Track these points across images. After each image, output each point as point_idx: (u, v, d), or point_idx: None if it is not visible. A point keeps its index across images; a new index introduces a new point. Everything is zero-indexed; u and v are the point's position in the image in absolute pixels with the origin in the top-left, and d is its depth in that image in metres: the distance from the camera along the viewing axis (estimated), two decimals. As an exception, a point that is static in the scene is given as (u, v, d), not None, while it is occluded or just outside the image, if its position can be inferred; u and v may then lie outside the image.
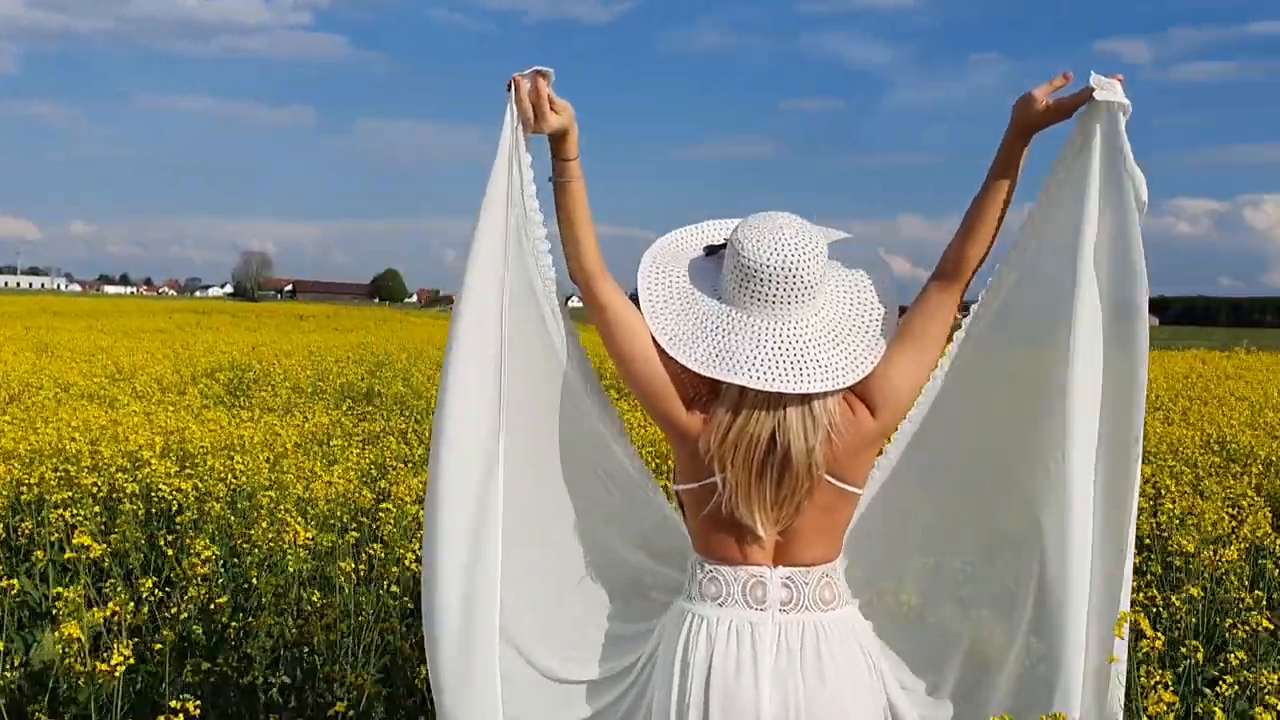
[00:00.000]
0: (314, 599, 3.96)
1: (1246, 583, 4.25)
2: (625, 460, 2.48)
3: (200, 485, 4.56)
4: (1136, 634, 2.69)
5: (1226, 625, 3.81)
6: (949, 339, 2.36)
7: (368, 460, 6.05)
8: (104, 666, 3.05)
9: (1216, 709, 2.90)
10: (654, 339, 2.26)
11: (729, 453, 2.19)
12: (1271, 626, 3.57)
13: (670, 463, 4.08)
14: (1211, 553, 4.32)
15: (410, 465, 6.07)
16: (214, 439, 6.05)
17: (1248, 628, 3.59)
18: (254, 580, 4.02)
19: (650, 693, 2.35)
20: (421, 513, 3.44)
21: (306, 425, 6.83)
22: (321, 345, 18.28)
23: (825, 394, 2.18)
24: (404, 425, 7.86)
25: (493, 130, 2.25)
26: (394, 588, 4.04)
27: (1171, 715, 2.57)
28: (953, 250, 2.28)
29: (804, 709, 2.18)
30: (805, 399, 2.17)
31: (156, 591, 3.78)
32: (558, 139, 2.26)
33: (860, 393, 2.23)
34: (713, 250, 2.39)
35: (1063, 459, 2.22)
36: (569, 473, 2.46)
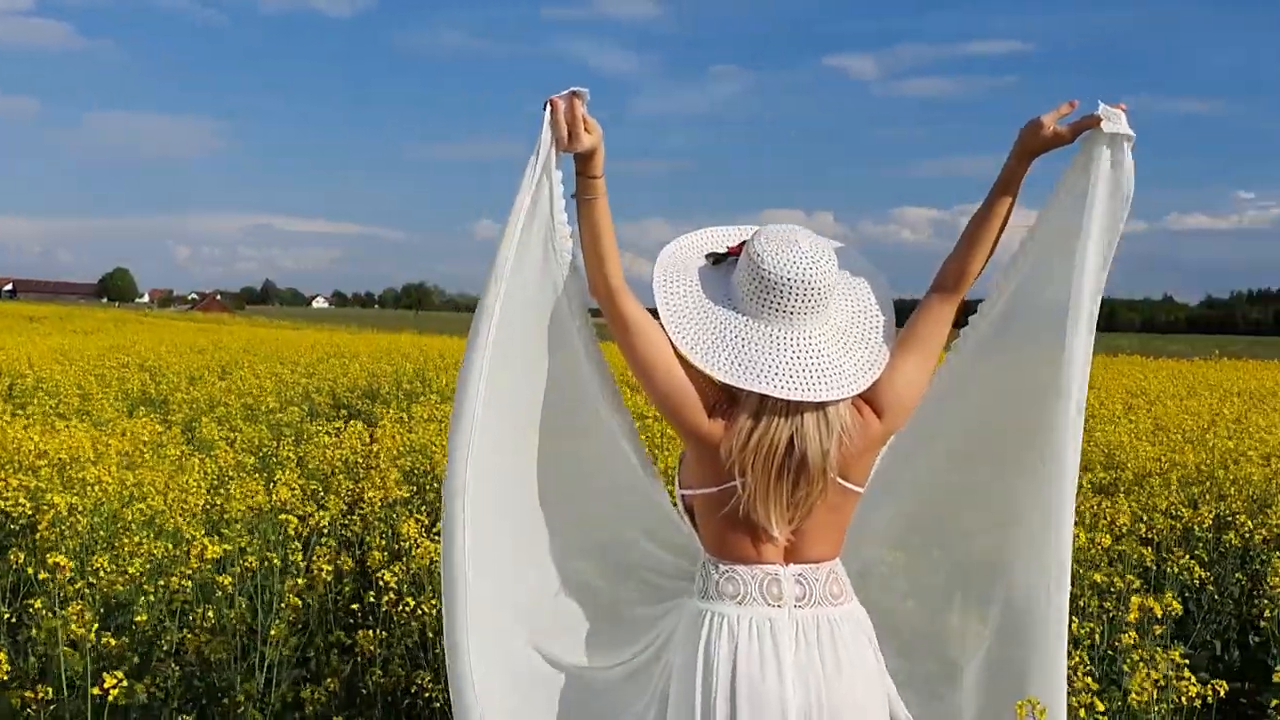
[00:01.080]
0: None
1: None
2: (635, 460, 2.56)
3: (72, 501, 4.29)
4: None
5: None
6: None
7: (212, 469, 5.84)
8: None
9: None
10: (675, 349, 2.33)
11: (750, 457, 2.28)
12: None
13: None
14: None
15: (254, 473, 5.90)
16: (37, 449, 5.68)
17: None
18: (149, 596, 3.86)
19: (662, 684, 2.44)
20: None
21: (136, 434, 6.48)
22: (70, 348, 17.25)
23: (839, 400, 2.31)
24: (225, 433, 7.61)
25: (229, 124, 2.27)
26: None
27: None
28: (955, 264, 2.44)
29: (825, 701, 2.28)
30: (820, 405, 2.28)
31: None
32: (586, 157, 2.33)
33: (868, 397, 2.34)
34: (717, 259, 2.46)
35: (1054, 458, 2.41)
36: (582, 471, 2.58)
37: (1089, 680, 2.86)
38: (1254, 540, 5.49)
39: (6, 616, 4.19)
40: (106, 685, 3.23)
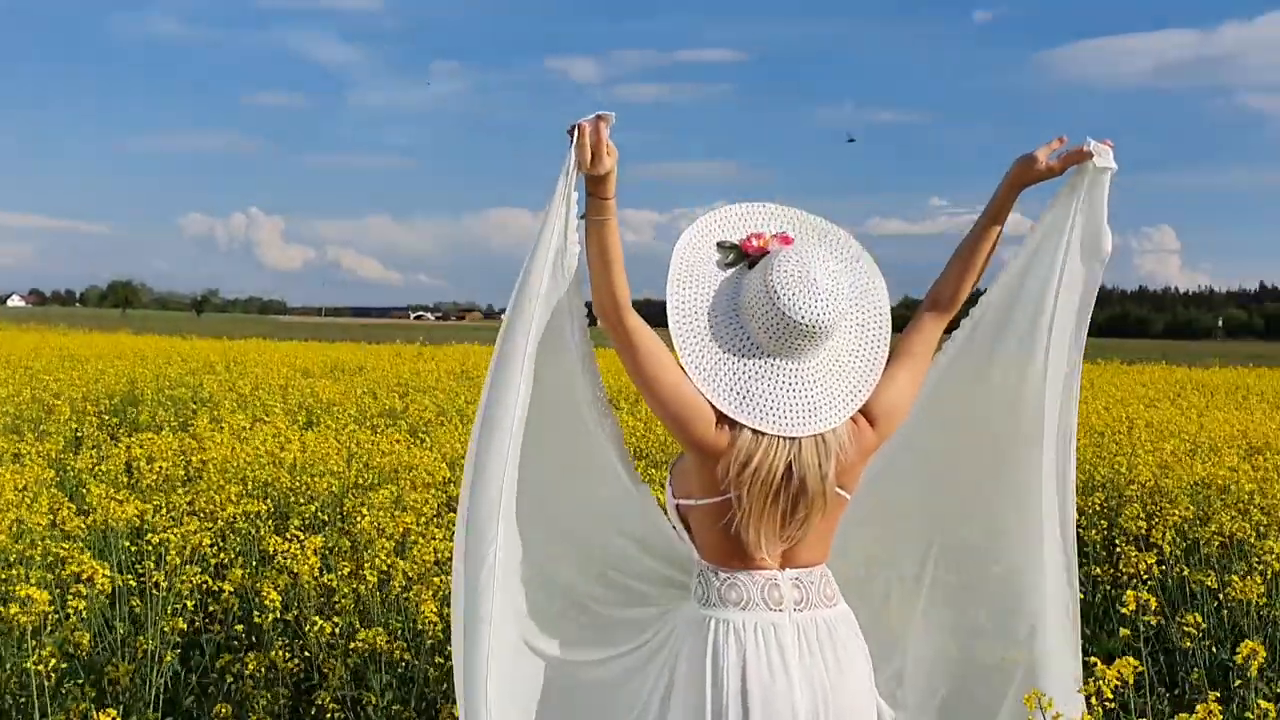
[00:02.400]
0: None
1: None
2: (623, 470, 2.63)
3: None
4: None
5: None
6: None
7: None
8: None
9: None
10: (683, 367, 2.40)
11: (746, 481, 2.34)
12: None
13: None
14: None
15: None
16: None
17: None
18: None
19: (662, 686, 2.49)
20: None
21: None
22: None
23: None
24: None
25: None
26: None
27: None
28: (948, 285, 2.60)
29: (831, 701, 2.39)
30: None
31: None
32: (601, 179, 2.35)
33: (863, 408, 2.45)
34: (728, 258, 2.49)
35: (1035, 461, 2.66)
36: (574, 481, 2.63)
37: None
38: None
39: None
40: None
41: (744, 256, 2.47)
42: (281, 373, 13.73)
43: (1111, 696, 2.53)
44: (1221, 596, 4.23)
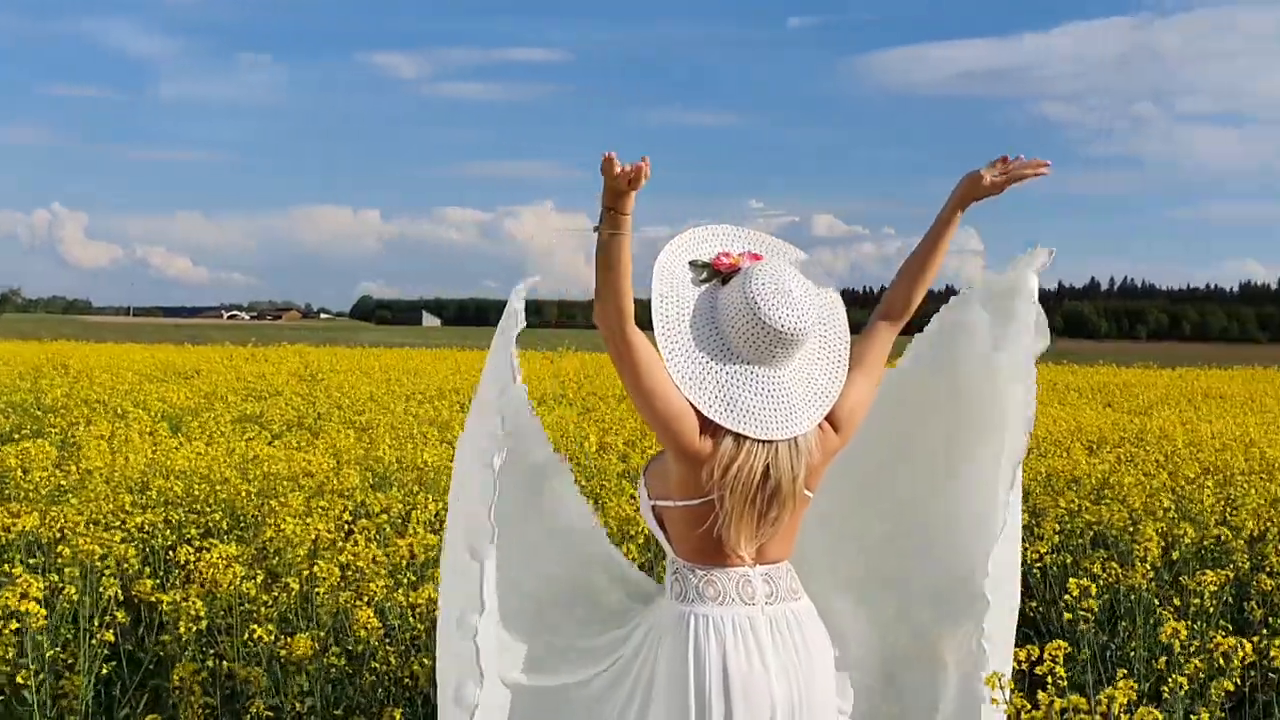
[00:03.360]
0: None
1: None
2: (580, 505, 2.93)
3: None
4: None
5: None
6: None
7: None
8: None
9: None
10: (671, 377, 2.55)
11: (729, 483, 2.52)
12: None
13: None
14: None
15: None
16: None
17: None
18: None
19: (644, 682, 2.65)
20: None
21: None
22: None
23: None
24: None
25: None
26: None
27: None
28: (899, 296, 2.79)
29: (804, 688, 2.58)
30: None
31: None
32: (625, 196, 2.46)
33: (828, 414, 2.64)
34: (701, 275, 2.64)
35: (989, 461, 2.90)
36: (537, 514, 2.88)
37: None
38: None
39: None
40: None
41: (716, 274, 2.63)
42: (126, 378, 13.25)
43: (1064, 675, 2.76)
44: (1102, 581, 4.57)
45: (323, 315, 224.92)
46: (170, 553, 4.85)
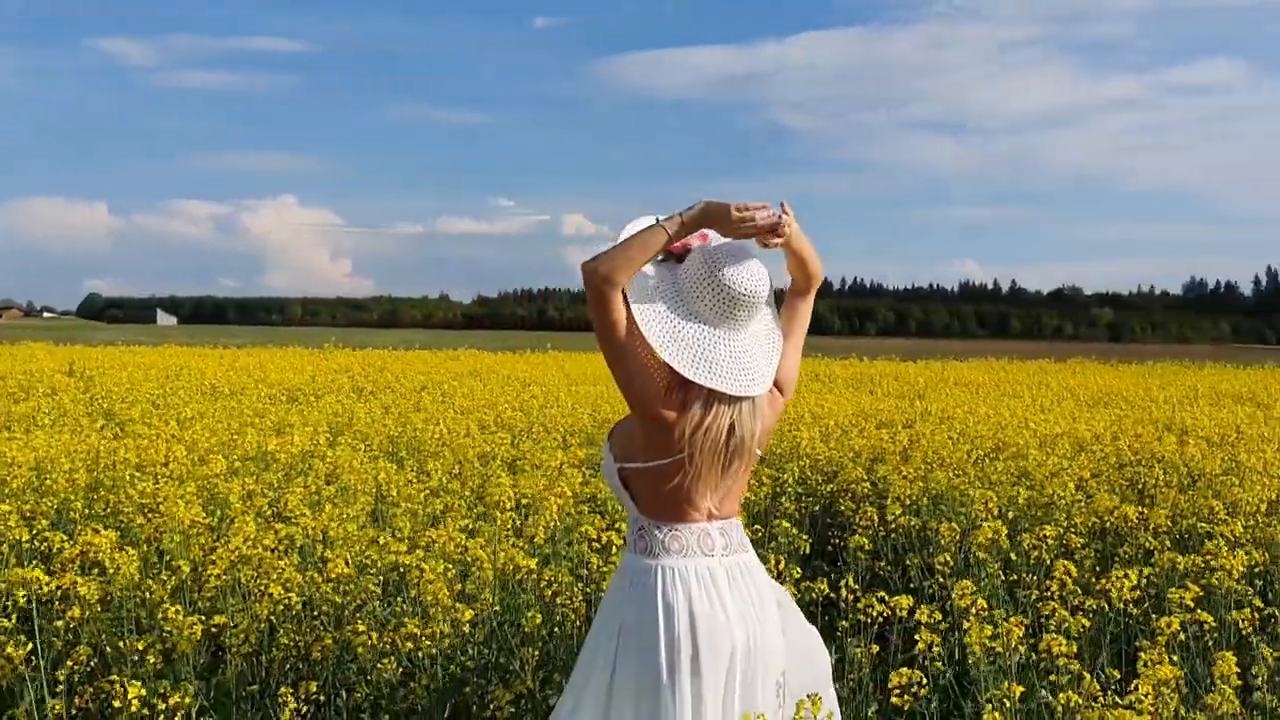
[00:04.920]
0: None
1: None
2: None
3: None
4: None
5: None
6: None
7: None
8: None
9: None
10: (642, 342, 2.80)
11: (701, 439, 2.80)
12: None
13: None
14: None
15: None
16: None
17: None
18: None
19: (611, 631, 2.88)
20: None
21: None
22: None
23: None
24: None
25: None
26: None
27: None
28: (795, 275, 3.04)
29: (757, 630, 2.87)
30: (751, 396, 2.87)
31: None
32: (704, 223, 2.81)
33: (775, 380, 2.96)
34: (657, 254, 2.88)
35: None
36: None
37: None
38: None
39: None
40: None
41: (670, 254, 2.89)
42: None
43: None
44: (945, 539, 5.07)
45: (46, 314, 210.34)
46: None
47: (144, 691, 3.49)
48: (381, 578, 4.27)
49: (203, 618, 3.96)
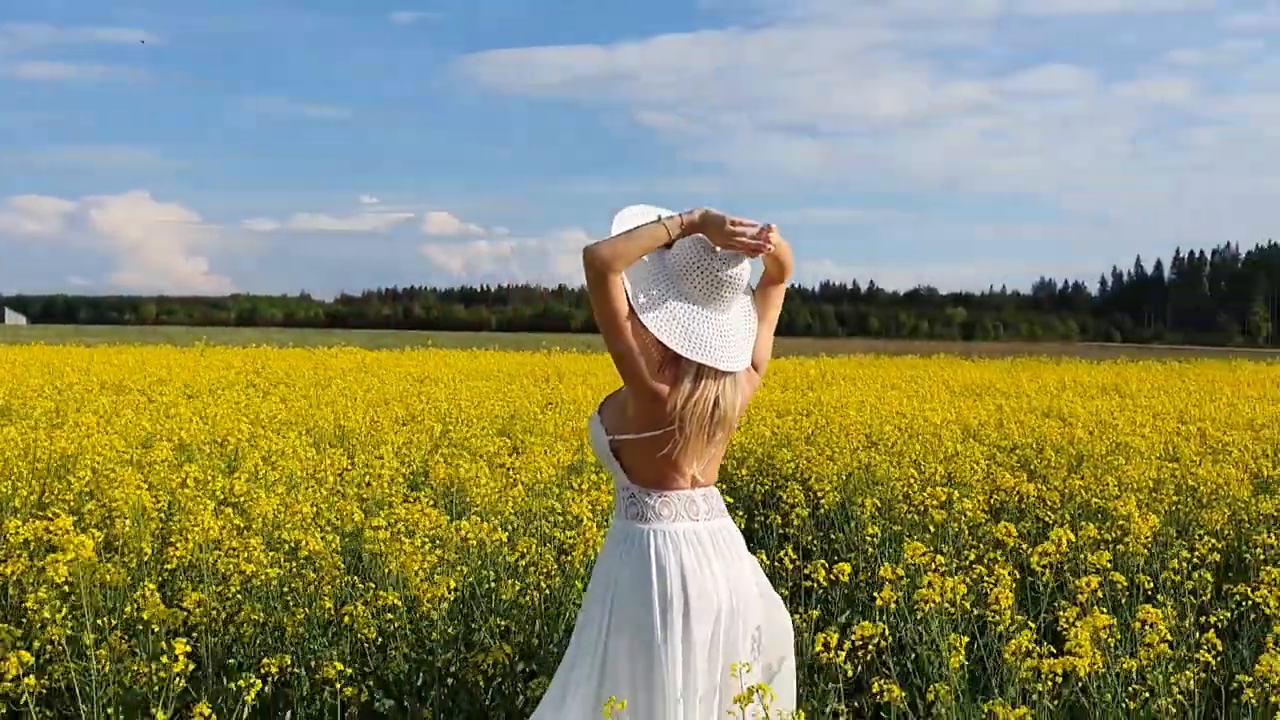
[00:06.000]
0: None
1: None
2: None
3: None
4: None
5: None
6: None
7: None
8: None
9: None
10: (637, 322, 3.03)
11: (690, 411, 3.06)
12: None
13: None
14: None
15: None
16: None
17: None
18: None
19: (606, 594, 3.12)
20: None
21: None
22: None
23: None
24: None
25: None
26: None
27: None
28: (770, 267, 3.29)
29: (736, 586, 3.14)
30: (733, 373, 3.13)
31: None
32: (702, 229, 3.05)
33: (752, 360, 3.24)
34: None
35: None
36: None
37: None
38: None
39: None
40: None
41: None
42: None
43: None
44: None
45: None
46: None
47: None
48: (354, 555, 4.40)
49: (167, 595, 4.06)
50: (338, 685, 3.74)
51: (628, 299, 3.02)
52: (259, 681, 3.43)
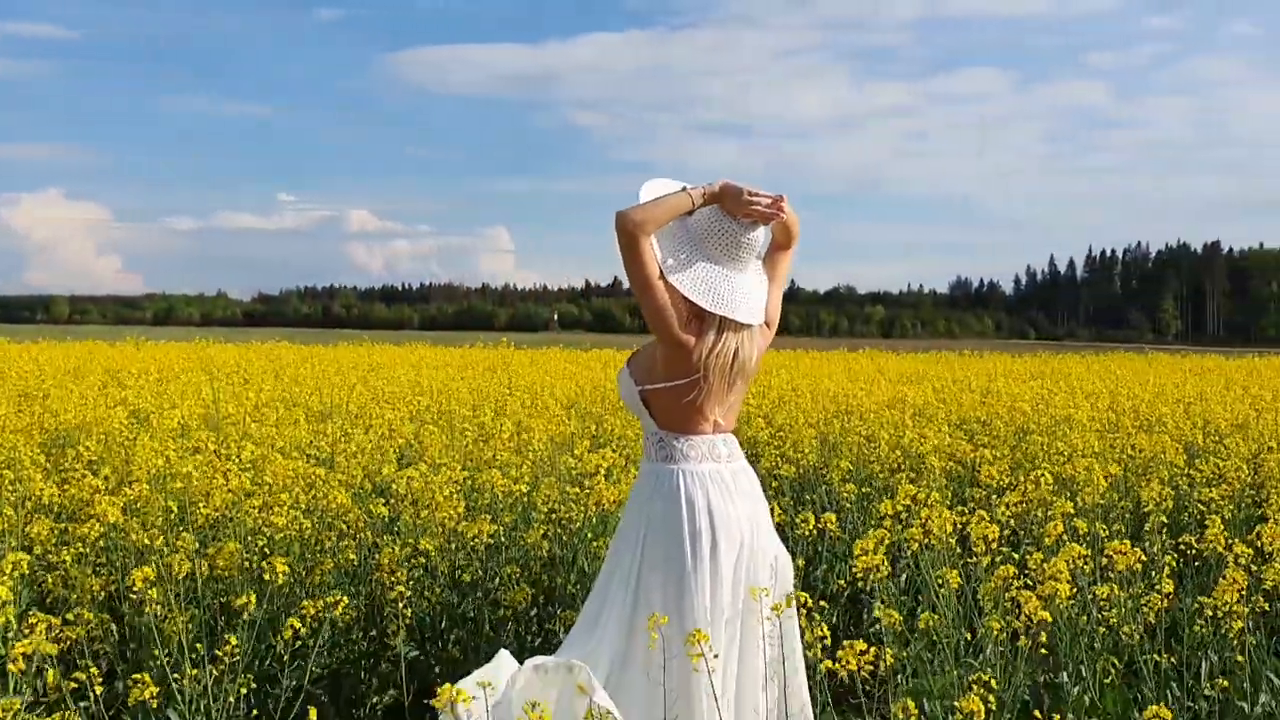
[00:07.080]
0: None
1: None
2: None
3: None
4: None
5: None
6: None
7: None
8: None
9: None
10: (664, 280, 3.39)
11: (714, 362, 3.43)
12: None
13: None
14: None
15: None
16: None
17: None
18: None
19: (641, 535, 3.46)
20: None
21: None
22: None
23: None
24: None
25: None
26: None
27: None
28: (777, 233, 3.67)
29: (757, 524, 3.51)
30: (750, 326, 3.50)
31: None
32: (720, 200, 3.43)
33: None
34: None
35: None
36: None
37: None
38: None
39: None
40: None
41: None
42: None
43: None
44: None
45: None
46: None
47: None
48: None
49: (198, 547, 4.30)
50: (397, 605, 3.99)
51: (657, 262, 3.36)
52: (296, 621, 3.68)
